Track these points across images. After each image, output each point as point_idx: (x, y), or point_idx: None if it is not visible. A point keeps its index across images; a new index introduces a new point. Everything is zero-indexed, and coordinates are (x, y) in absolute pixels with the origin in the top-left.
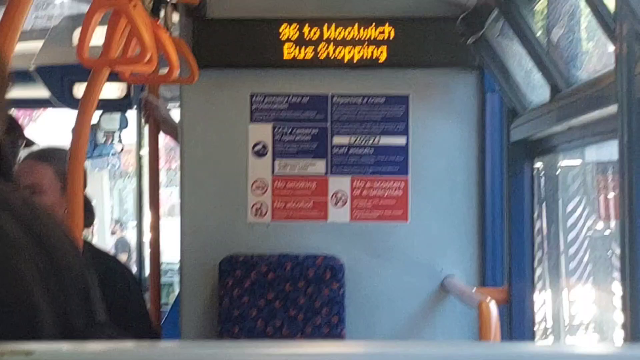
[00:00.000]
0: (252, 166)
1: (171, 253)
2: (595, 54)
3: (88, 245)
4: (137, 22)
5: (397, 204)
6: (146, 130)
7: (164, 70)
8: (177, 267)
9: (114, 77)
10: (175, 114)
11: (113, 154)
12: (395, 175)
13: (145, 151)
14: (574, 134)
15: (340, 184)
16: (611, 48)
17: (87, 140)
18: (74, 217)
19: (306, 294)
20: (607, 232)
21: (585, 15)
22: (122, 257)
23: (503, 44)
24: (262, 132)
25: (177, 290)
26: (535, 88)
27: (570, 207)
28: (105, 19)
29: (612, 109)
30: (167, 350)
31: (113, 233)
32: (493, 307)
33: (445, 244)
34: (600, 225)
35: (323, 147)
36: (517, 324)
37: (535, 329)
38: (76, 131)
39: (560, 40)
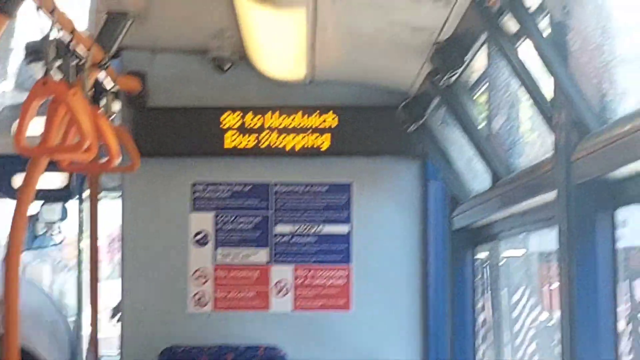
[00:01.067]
0: (193, 255)
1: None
2: (535, 141)
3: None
4: (76, 110)
5: (340, 293)
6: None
7: (104, 159)
8: (117, 359)
9: (54, 167)
10: (116, 204)
11: (53, 246)
12: (338, 263)
13: (86, 243)
14: (515, 221)
15: (282, 273)
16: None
17: (25, 231)
18: (10, 311)
19: None
20: (551, 323)
21: (526, 105)
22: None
23: (445, 132)
24: (204, 221)
25: None
26: (477, 175)
27: (515, 298)
28: (44, 109)
29: (552, 195)
30: None
31: None
32: None
33: (389, 333)
34: (545, 315)
35: (265, 235)
36: None
37: None
38: (13, 222)
39: (500, 128)
